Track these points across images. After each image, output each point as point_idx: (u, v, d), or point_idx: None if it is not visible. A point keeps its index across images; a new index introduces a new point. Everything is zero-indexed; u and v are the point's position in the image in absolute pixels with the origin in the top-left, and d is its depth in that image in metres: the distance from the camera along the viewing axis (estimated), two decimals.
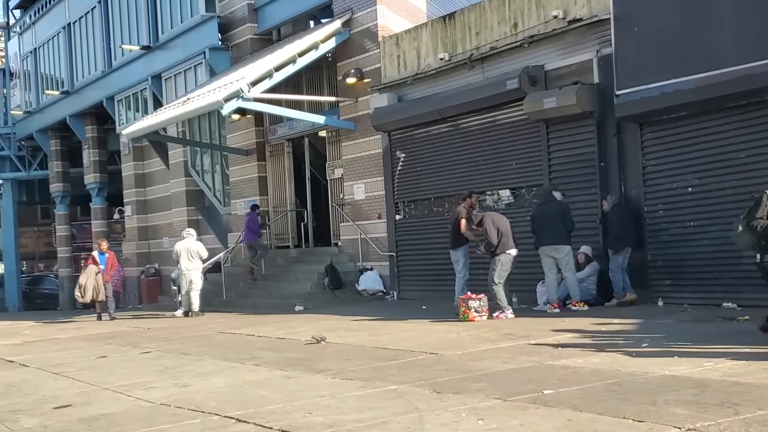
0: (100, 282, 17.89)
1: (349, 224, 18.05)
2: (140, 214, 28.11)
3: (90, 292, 17.69)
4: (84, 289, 17.68)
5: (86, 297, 17.85)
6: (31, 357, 12.20)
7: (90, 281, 17.73)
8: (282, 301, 17.35)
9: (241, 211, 22.10)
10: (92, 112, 30.38)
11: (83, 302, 18.38)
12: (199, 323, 15.72)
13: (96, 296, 17.83)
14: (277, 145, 21.17)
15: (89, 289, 17.65)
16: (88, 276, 17.89)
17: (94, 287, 17.66)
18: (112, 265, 18.52)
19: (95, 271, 17.95)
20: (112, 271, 18.60)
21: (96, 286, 17.70)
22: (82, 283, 17.81)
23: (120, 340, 13.73)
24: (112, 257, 18.76)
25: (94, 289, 17.69)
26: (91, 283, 17.67)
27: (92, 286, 17.62)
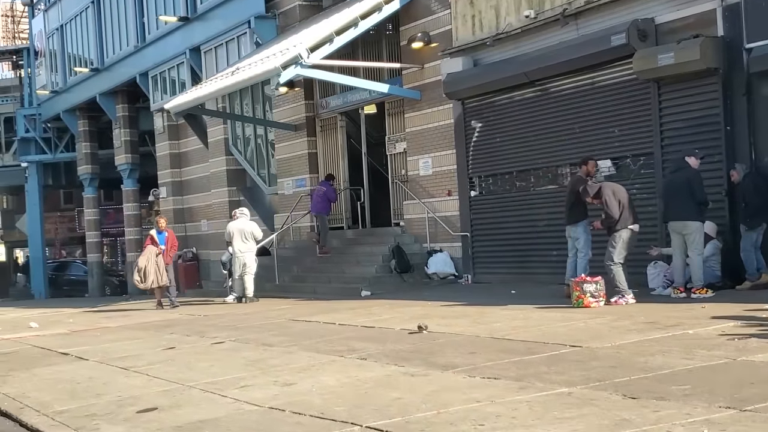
0: (162, 265, 16.17)
1: (414, 202, 16.64)
2: (176, 195, 26.80)
3: (152, 276, 15.96)
4: (144, 273, 15.95)
5: (147, 282, 16.04)
6: (86, 349, 10.89)
7: (151, 264, 15.97)
8: (344, 286, 16.00)
9: (288, 191, 20.76)
10: (123, 89, 29.08)
11: (143, 288, 16.63)
12: (259, 310, 14.37)
13: (158, 281, 16.18)
14: (329, 119, 19.76)
15: (150, 273, 15.94)
16: (148, 258, 16.09)
17: (156, 271, 16.03)
18: (172, 246, 16.66)
19: (155, 252, 16.17)
20: (172, 251, 16.78)
21: (157, 269, 16.10)
22: (141, 267, 16.02)
23: (180, 329, 12.41)
24: (172, 236, 16.90)
25: (156, 273, 16.05)
26: (152, 266, 15.95)
27: (153, 270, 15.97)
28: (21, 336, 13.26)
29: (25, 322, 16.61)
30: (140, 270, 16.06)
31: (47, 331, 13.91)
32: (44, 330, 14.12)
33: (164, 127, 26.77)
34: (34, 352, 11.18)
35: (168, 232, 16.74)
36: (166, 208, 27.20)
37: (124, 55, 27.59)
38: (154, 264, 16.00)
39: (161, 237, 16.54)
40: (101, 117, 32.91)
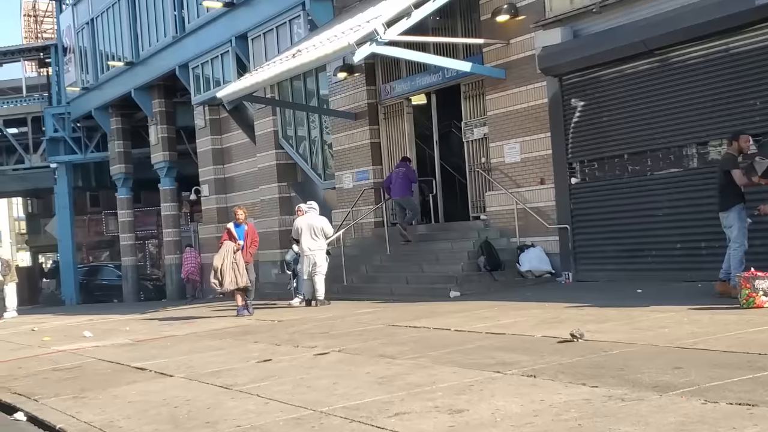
0: (241, 263, 13.91)
1: (500, 193, 15.06)
2: (219, 194, 25.35)
3: (228, 276, 13.70)
4: (221, 273, 13.69)
5: (225, 284, 13.74)
6: (163, 362, 9.38)
7: (227, 263, 13.72)
8: (426, 286, 14.46)
9: (348, 185, 19.23)
10: (160, 84, 27.70)
11: (222, 291, 14.49)
12: (340, 314, 12.82)
13: (237, 281, 13.84)
14: (394, 105, 18.21)
15: (227, 273, 13.70)
16: (224, 257, 13.80)
17: (233, 270, 13.74)
18: (252, 241, 14.29)
19: (232, 249, 13.88)
20: (253, 248, 14.41)
21: (236, 268, 13.82)
22: (218, 266, 13.71)
23: (262, 336, 10.88)
24: (253, 230, 14.52)
25: (234, 273, 13.79)
26: (228, 265, 13.71)
27: (230, 269, 13.71)
28: (78, 347, 11.78)
29: (73, 331, 15.17)
30: (216, 270, 13.79)
31: (105, 341, 12.44)
32: (101, 340, 12.64)
33: (206, 121, 25.33)
34: (102, 366, 9.69)
35: (248, 226, 14.43)
36: (208, 207, 25.77)
37: (162, 47, 26.17)
38: (231, 262, 13.77)
39: (240, 231, 14.23)
40: (134, 114, 31.59)
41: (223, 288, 13.96)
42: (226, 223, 25.05)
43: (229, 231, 14.27)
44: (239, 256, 13.99)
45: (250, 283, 14.25)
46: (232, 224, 14.43)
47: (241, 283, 13.94)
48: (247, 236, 14.29)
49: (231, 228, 14.32)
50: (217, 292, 14.19)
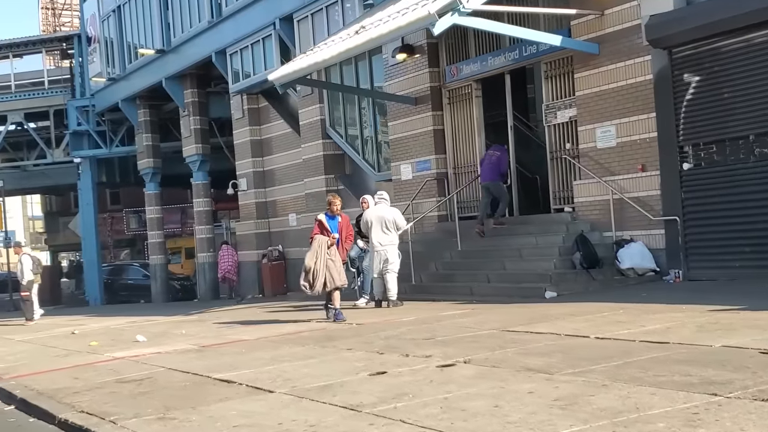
0: (337, 260, 11.88)
1: (592, 182, 13.56)
2: (258, 188, 23.92)
3: (321, 278, 11.64)
4: (314, 273, 11.62)
5: (317, 286, 11.70)
6: (250, 373, 7.93)
7: (320, 262, 11.67)
8: (512, 285, 12.97)
9: (406, 175, 17.76)
10: (192, 72, 26.32)
11: (312, 294, 12.03)
12: (427, 316, 11.32)
13: (331, 282, 11.80)
14: (460, 88, 16.72)
15: (320, 273, 11.63)
16: (317, 254, 11.73)
17: (326, 270, 11.68)
18: (347, 236, 12.46)
19: (326, 244, 11.85)
20: (348, 243, 12.59)
21: (331, 267, 11.77)
22: (310, 266, 11.63)
23: (353, 342, 9.39)
24: (347, 222, 12.58)
25: (326, 274, 11.70)
26: (322, 264, 11.66)
27: (323, 269, 11.65)
28: (137, 354, 10.35)
29: (119, 334, 13.77)
30: (308, 271, 11.67)
31: (164, 346, 11.00)
32: (158, 345, 11.21)
33: (244, 111, 23.91)
34: (177, 378, 8.25)
35: (342, 217, 12.41)
36: (246, 202, 24.36)
37: (196, 33, 24.77)
38: (323, 261, 11.75)
39: (333, 223, 12.22)
40: (163, 106, 30.27)
41: (314, 291, 11.90)
42: (266, 219, 24.02)
43: (321, 223, 12.18)
44: (334, 253, 11.96)
45: (344, 284, 12.19)
46: (324, 215, 12.37)
47: (337, 283, 11.93)
48: (341, 229, 12.29)
49: (323, 219, 12.23)
50: (307, 293, 12.03)
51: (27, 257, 19.89)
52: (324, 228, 12.18)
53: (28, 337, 14.67)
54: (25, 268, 19.43)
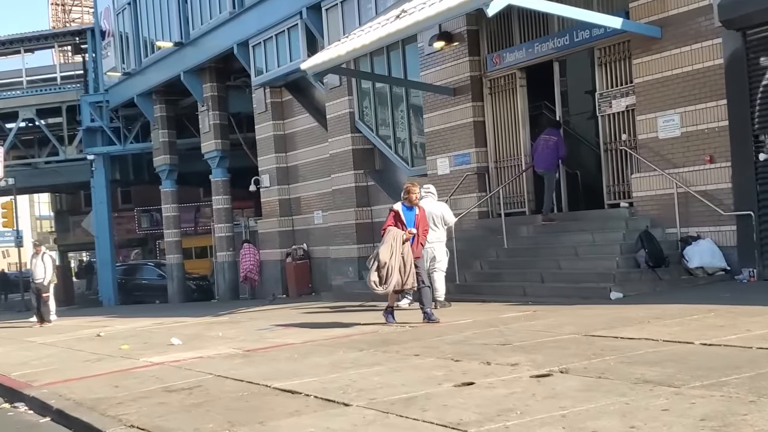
0: (409, 258, 10.38)
1: (653, 174, 12.68)
2: (281, 184, 23.08)
3: (395, 276, 10.16)
4: (389, 270, 10.14)
5: (391, 283, 10.17)
6: (313, 383, 7.09)
7: (395, 258, 10.19)
8: (570, 285, 12.10)
9: (443, 170, 16.90)
10: (212, 66, 25.51)
11: (383, 293, 10.49)
12: (485, 319, 10.47)
13: (404, 281, 10.37)
14: (502, 78, 15.87)
15: (394, 270, 10.16)
16: (392, 248, 10.25)
17: (401, 268, 10.23)
18: (424, 230, 10.91)
19: (401, 238, 10.37)
20: (423, 239, 10.97)
21: (404, 265, 10.30)
22: (385, 261, 10.17)
23: (416, 347, 8.52)
24: (423, 216, 10.92)
25: (401, 272, 10.23)
26: (396, 261, 10.18)
27: (398, 266, 10.19)
28: (177, 359, 9.52)
29: (149, 337, 12.95)
30: (382, 266, 10.19)
31: (203, 350, 10.16)
32: (196, 348, 10.37)
33: (267, 105, 23.08)
34: (231, 387, 7.41)
35: (419, 209, 10.82)
36: (268, 199, 23.53)
37: (217, 24, 23.96)
38: (399, 257, 10.23)
39: (410, 215, 10.63)
40: (180, 101, 29.49)
41: (386, 289, 10.36)
42: (290, 217, 23.16)
43: (397, 214, 10.59)
44: (407, 251, 10.42)
45: (421, 283, 10.72)
46: (400, 205, 10.74)
47: (408, 284, 10.46)
48: (418, 223, 10.70)
49: (399, 210, 10.62)
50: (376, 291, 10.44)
51: (48, 256, 19.07)
52: (399, 220, 10.56)
53: (50, 340, 13.85)
54: (48, 267, 18.60)
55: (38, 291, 18.73)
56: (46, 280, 18.55)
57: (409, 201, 10.73)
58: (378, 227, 19.59)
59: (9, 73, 35.63)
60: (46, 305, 18.71)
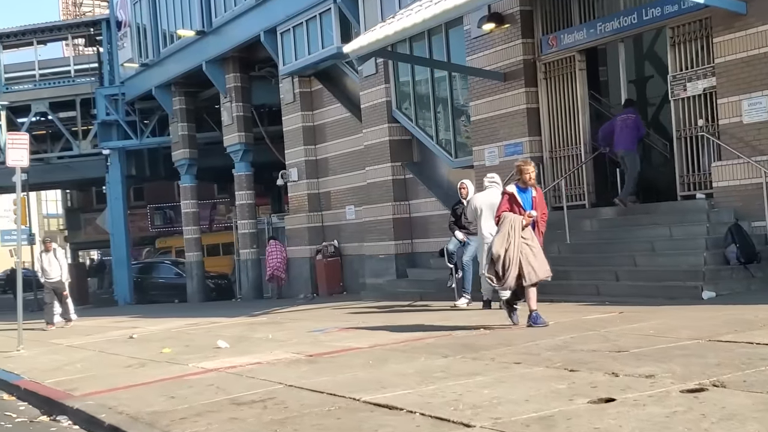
0: (536, 245, 8.96)
1: (737, 162, 11.58)
2: (310, 178, 22.04)
3: (514, 269, 8.76)
4: (505, 263, 8.77)
5: (509, 278, 8.79)
6: (409, 395, 6.06)
7: (514, 248, 8.78)
8: (651, 284, 11.06)
9: (492, 161, 15.83)
10: (235, 55, 24.49)
11: (502, 288, 9.09)
12: (566, 320, 9.45)
13: (530, 276, 8.84)
14: (559, 61, 14.80)
15: (513, 263, 8.75)
16: (508, 237, 8.83)
17: (521, 259, 8.79)
18: (543, 215, 9.32)
19: (519, 224, 8.93)
20: (543, 224, 9.31)
21: (528, 255, 8.85)
22: (499, 254, 8.80)
23: (512, 354, 7.48)
24: (542, 198, 9.39)
25: (522, 264, 8.78)
26: (515, 251, 8.79)
27: (516, 257, 8.78)
28: (233, 365, 8.46)
29: (188, 339, 11.91)
30: (497, 259, 8.84)
31: (258, 355, 9.10)
32: (249, 353, 9.31)
33: (295, 95, 22.05)
34: (311, 400, 6.36)
35: (536, 191, 9.27)
36: (297, 193, 22.51)
37: (242, 11, 22.94)
38: (518, 247, 8.82)
39: (526, 197, 9.13)
40: (199, 93, 28.49)
41: (504, 285, 8.99)
42: (319, 212, 22.11)
43: (513, 197, 9.17)
44: (530, 236, 8.97)
45: (550, 275, 9.10)
46: (514, 187, 9.28)
47: (540, 275, 8.95)
48: (536, 204, 9.14)
49: (515, 192, 9.18)
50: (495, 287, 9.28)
51: (60, 253, 17.98)
52: (516, 203, 9.12)
53: (79, 342, 12.82)
54: (63, 264, 17.52)
55: (56, 290, 17.57)
56: (63, 277, 17.47)
57: (522, 182, 9.20)
58: (417, 222, 18.70)
59: (21, 65, 34.69)
60: (65, 304, 17.60)
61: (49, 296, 17.54)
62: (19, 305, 12.33)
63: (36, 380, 8.91)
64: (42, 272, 17.36)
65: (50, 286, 17.43)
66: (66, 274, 17.52)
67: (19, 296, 12.39)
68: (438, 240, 17.70)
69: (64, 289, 17.46)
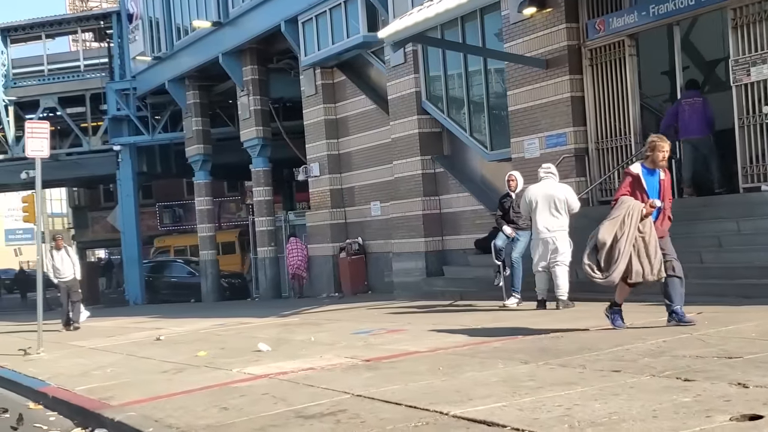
0: (653, 238, 7.69)
1: None
2: (333, 173, 21.23)
3: (623, 261, 7.59)
4: (615, 253, 7.62)
5: (615, 271, 7.63)
6: (501, 409, 5.24)
7: (627, 237, 7.58)
8: (723, 282, 10.22)
9: (532, 153, 15.02)
10: (252, 47, 23.71)
11: (605, 282, 7.77)
12: (642, 323, 8.66)
13: (650, 270, 7.69)
14: (606, 46, 13.98)
15: (624, 253, 7.59)
16: (623, 226, 7.62)
17: (637, 250, 7.64)
18: (668, 200, 8.01)
19: (639, 213, 7.66)
20: (668, 207, 8.00)
21: (645, 246, 7.65)
22: (606, 240, 7.64)
23: (593, 359, 6.70)
24: (669, 183, 8.08)
25: (641, 256, 7.63)
26: (628, 241, 7.58)
27: (627, 247, 7.59)
28: (284, 371, 7.63)
29: (221, 341, 11.11)
30: (602, 247, 7.67)
31: (306, 359, 8.27)
32: (295, 358, 8.47)
33: (317, 87, 21.23)
34: (390, 413, 5.53)
35: (665, 173, 7.96)
36: (318, 189, 21.69)
37: (261, 1, 22.16)
38: (630, 240, 7.61)
39: (652, 181, 7.84)
40: (213, 87, 27.72)
41: (606, 278, 7.74)
42: (342, 208, 21.30)
43: (636, 180, 7.84)
44: (648, 228, 7.71)
45: (663, 276, 7.86)
46: (639, 167, 7.91)
47: (656, 273, 7.75)
48: (664, 192, 7.90)
49: (640, 174, 7.83)
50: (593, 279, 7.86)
51: (72, 250, 17.13)
52: (639, 188, 7.80)
53: (103, 345, 12.02)
54: (76, 262, 16.69)
55: (70, 289, 16.71)
56: (77, 275, 16.63)
57: (652, 161, 7.83)
58: (448, 218, 17.87)
59: (29, 60, 33.92)
60: (76, 305, 16.70)
61: (63, 296, 16.69)
62: (39, 305, 11.53)
63: (64, 387, 8.12)
64: (54, 271, 16.45)
65: (63, 285, 16.56)
66: (79, 272, 16.71)
67: (39, 295, 11.61)
68: (470, 236, 16.91)
69: (77, 288, 16.63)
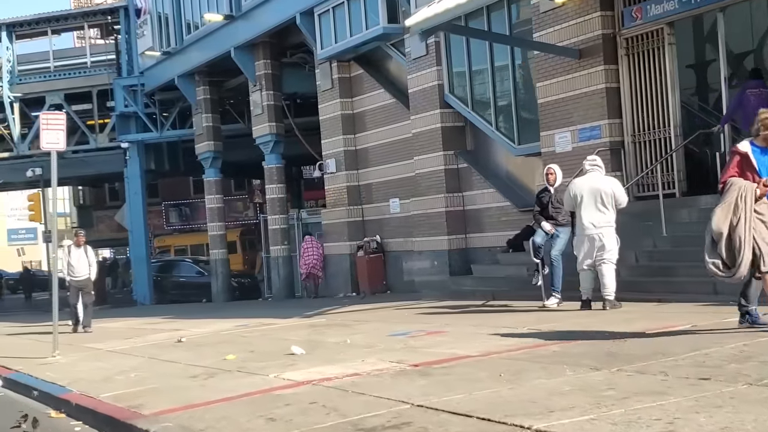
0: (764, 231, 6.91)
1: None
2: (350, 169, 20.63)
3: (749, 250, 6.78)
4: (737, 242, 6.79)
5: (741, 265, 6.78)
6: (599, 426, 4.66)
7: (745, 223, 6.79)
8: None
9: (563, 147, 14.43)
10: (265, 41, 23.11)
11: (730, 279, 7.01)
12: (703, 326, 8.06)
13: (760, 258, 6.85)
14: (644, 35, 13.38)
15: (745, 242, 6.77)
16: (738, 210, 6.83)
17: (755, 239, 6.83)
18: None
19: (753, 194, 6.86)
20: None
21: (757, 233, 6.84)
22: (722, 230, 6.85)
23: (687, 367, 6.09)
24: None
25: (755, 242, 6.81)
26: (746, 228, 6.79)
27: (750, 236, 6.79)
28: (327, 377, 7.01)
29: (248, 343, 10.50)
30: (720, 239, 6.87)
31: (348, 363, 7.66)
32: (335, 362, 7.86)
33: (333, 81, 20.62)
34: (462, 427, 4.93)
35: None
36: (335, 185, 21.09)
37: None
38: (749, 224, 6.81)
39: (764, 160, 7.01)
40: (224, 82, 27.15)
41: (735, 276, 6.94)
42: (359, 206, 20.71)
43: (746, 158, 7.06)
44: (766, 209, 6.94)
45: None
46: (748, 145, 7.10)
47: None
48: None
49: (749, 153, 7.05)
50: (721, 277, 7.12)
51: (91, 249, 16.52)
52: (750, 167, 7.00)
53: (121, 347, 11.42)
54: (93, 262, 16.08)
55: (82, 289, 16.07)
56: (92, 275, 16.01)
57: (765, 139, 7.02)
58: (472, 215, 17.27)
59: (34, 56, 33.35)
60: (88, 308, 16.05)
61: (74, 296, 16.03)
62: (54, 305, 10.94)
63: (87, 393, 7.52)
64: (68, 269, 15.81)
65: (76, 285, 15.88)
66: (95, 272, 16.09)
67: (55, 296, 10.99)
68: (495, 234, 16.36)
69: (90, 289, 15.98)
